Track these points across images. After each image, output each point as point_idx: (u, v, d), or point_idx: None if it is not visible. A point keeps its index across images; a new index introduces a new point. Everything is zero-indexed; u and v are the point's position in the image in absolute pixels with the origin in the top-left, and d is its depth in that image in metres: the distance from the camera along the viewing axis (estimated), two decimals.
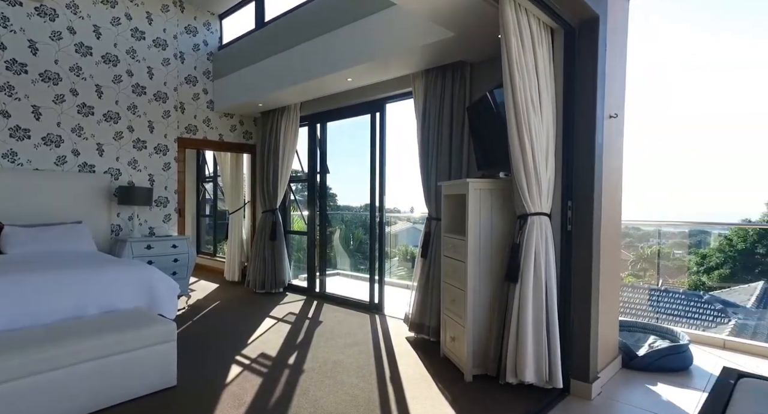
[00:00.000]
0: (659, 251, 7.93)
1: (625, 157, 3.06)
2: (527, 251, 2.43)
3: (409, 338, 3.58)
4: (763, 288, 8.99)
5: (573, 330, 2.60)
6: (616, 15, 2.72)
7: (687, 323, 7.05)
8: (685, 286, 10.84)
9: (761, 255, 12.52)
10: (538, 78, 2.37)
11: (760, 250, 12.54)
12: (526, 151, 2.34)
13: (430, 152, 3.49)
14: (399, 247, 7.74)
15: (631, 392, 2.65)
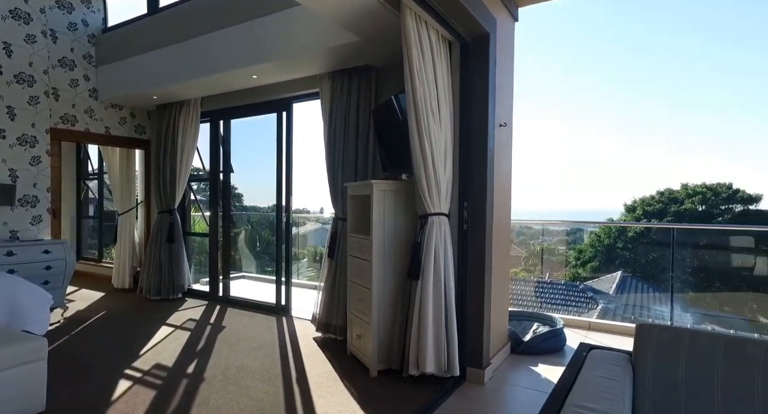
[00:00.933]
0: (543, 249, 8.85)
1: (514, 163, 3.40)
2: (428, 249, 2.58)
3: (316, 338, 3.58)
4: (621, 276, 10.51)
5: (468, 321, 2.82)
6: (504, 34, 3.02)
7: (566, 310, 7.98)
8: (565, 278, 12.22)
9: (620, 248, 14.62)
10: (437, 86, 2.54)
11: (619, 244, 14.66)
12: (427, 154, 2.49)
13: (336, 153, 3.53)
14: (308, 248, 7.66)
15: (518, 374, 2.95)
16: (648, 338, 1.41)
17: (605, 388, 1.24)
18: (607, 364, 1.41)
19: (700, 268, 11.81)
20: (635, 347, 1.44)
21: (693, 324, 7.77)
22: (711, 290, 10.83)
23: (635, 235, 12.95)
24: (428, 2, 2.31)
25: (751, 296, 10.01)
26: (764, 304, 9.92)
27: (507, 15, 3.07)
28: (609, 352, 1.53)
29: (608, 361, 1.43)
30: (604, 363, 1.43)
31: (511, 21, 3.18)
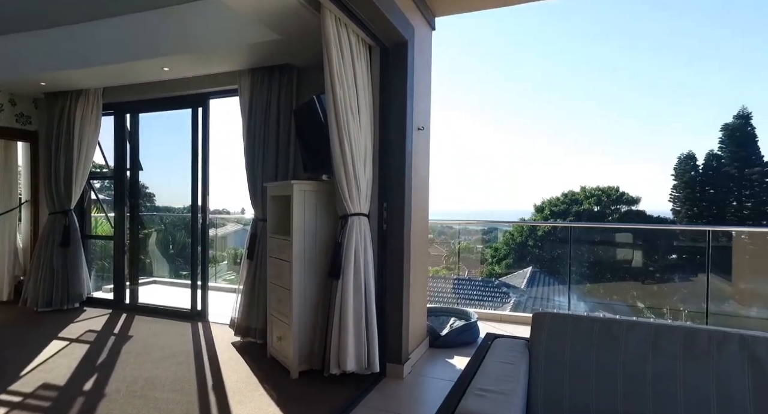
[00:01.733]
0: (462, 247, 9.32)
1: (435, 165, 3.56)
2: (348, 249, 2.62)
3: (235, 343, 3.45)
4: (532, 272, 11.44)
5: (388, 319, 2.90)
6: (422, 41, 3.15)
7: (483, 305, 8.50)
8: (483, 275, 12.98)
9: (531, 246, 15.89)
10: (357, 89, 2.59)
11: (530, 242, 15.94)
12: (347, 155, 2.52)
13: (256, 153, 3.44)
14: (228, 250, 7.34)
15: (435, 367, 3.10)
16: (541, 325, 1.58)
17: (504, 371, 1.36)
18: (507, 351, 1.55)
19: (595, 262, 13.20)
20: (531, 334, 1.59)
21: (588, 311, 8.68)
22: (603, 281, 12.18)
23: (543, 234, 14.18)
24: (348, 7, 2.35)
25: (631, 285, 11.44)
26: (641, 292, 11.36)
27: (425, 24, 3.21)
28: (510, 339, 1.68)
29: (509, 347, 1.58)
30: (504, 350, 1.56)
31: (428, 30, 3.33)
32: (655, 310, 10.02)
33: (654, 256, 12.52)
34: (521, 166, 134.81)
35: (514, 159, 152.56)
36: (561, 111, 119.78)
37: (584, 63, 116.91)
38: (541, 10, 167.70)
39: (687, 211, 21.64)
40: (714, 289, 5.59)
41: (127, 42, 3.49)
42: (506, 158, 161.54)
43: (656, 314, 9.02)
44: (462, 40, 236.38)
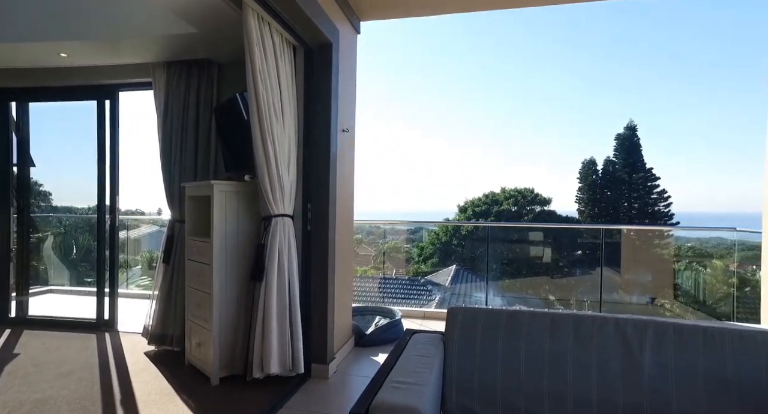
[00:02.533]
0: (389, 247, 9.51)
1: (364, 166, 3.62)
2: (271, 251, 2.58)
3: (149, 353, 3.23)
4: (455, 269, 11.98)
5: (313, 320, 2.90)
6: (347, 45, 3.20)
7: (409, 303, 8.75)
8: (409, 274, 13.30)
9: (455, 245, 16.63)
10: (281, 89, 2.56)
11: (454, 241, 16.68)
12: (270, 155, 2.49)
13: (173, 151, 3.26)
14: (143, 253, 6.81)
15: (360, 365, 3.15)
16: (455, 319, 1.69)
17: (419, 364, 1.45)
18: (423, 345, 1.64)
19: (513, 259, 14.13)
20: (446, 328, 1.70)
21: (505, 305, 9.29)
22: (520, 277, 13.10)
23: (467, 233, 14.92)
24: (271, 6, 2.32)
25: (543, 280, 12.44)
26: (552, 286, 12.38)
27: (350, 27, 3.26)
28: (427, 334, 1.78)
29: (425, 342, 1.67)
30: (421, 344, 1.66)
31: (353, 33, 3.38)
32: (563, 301, 10.97)
33: (563, 253, 13.74)
34: (447, 169, 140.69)
35: (440, 162, 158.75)
36: (483, 118, 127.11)
37: (503, 77, 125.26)
38: (469, 22, 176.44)
39: (590, 211, 24.06)
40: (607, 280, 6.30)
41: (15, 19, 3.11)
42: (433, 161, 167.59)
43: (564, 305, 9.89)
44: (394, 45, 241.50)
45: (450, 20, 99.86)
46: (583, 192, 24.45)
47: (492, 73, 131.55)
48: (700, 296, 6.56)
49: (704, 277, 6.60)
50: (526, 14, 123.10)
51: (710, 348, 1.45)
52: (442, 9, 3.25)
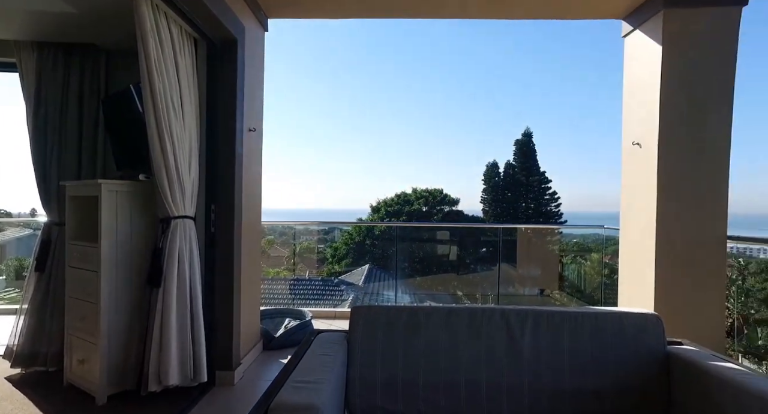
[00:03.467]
0: (299, 249, 9.38)
1: (276, 165, 3.53)
2: (170, 254, 2.43)
3: (12, 377, 2.82)
4: (369, 269, 12.18)
5: (218, 325, 2.78)
6: (254, 41, 3.11)
7: (324, 303, 8.71)
8: (323, 274, 13.21)
9: (368, 245, 16.89)
10: (180, 83, 2.42)
11: (368, 241, 16.93)
12: (168, 154, 2.34)
13: (48, 145, 2.89)
14: (8, 261, 5.93)
15: (268, 369, 3.09)
16: (358, 318, 1.75)
17: (321, 362, 1.48)
18: (327, 344, 1.67)
19: (424, 258, 14.72)
20: (350, 326, 1.75)
21: (415, 302, 9.66)
22: (430, 274, 13.71)
23: (380, 233, 15.22)
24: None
25: (452, 276, 13.18)
26: (460, 282, 13.15)
27: (256, 23, 3.17)
28: (331, 334, 1.81)
29: (328, 341, 1.70)
30: (325, 343, 1.69)
31: (261, 30, 3.30)
32: (470, 296, 11.70)
33: (469, 250, 14.65)
34: (361, 169, 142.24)
35: (355, 162, 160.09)
36: (397, 121, 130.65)
37: (419, 81, 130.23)
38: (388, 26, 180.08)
39: (493, 211, 25.98)
40: (506, 275, 6.87)
41: None
42: (348, 161, 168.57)
43: (471, 299, 10.56)
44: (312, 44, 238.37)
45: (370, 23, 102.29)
46: (487, 193, 26.35)
47: (406, 77, 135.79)
48: (581, 286, 7.45)
49: (585, 268, 7.50)
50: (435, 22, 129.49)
51: (573, 330, 1.68)
52: (347, 13, 3.29)
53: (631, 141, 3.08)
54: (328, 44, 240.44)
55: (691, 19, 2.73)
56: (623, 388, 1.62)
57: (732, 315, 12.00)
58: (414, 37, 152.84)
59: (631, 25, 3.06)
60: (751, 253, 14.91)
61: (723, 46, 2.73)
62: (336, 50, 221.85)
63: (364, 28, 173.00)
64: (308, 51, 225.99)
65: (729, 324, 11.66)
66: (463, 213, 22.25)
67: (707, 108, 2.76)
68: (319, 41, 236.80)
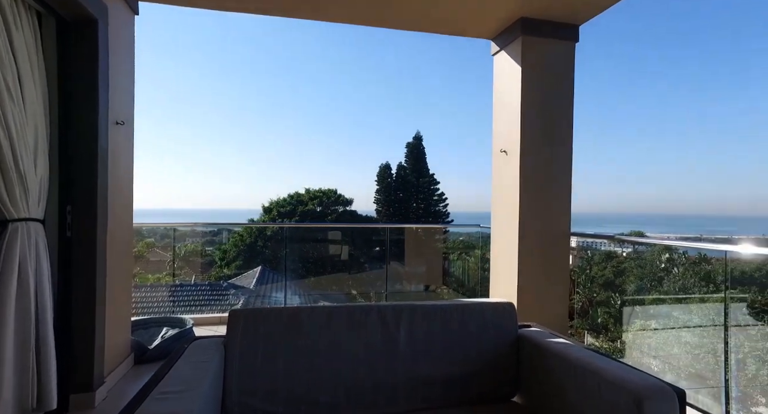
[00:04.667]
0: (185, 252, 8.72)
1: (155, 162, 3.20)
2: (7, 264, 2.07)
3: None
4: (261, 271, 11.74)
5: (75, 343, 2.45)
6: (121, 24, 2.80)
7: (212, 309, 8.15)
8: (211, 278, 12.39)
9: (260, 246, 16.29)
10: (18, 63, 2.07)
11: (259, 242, 16.32)
12: (3, 145, 1.99)
13: None
14: None
15: (138, 385, 2.80)
16: (236, 322, 1.70)
17: (193, 370, 1.41)
18: (201, 351, 1.59)
19: (318, 258, 14.63)
20: (228, 330, 1.69)
21: (309, 303, 9.58)
22: (324, 274, 13.70)
23: (272, 233, 14.74)
24: None
25: (347, 276, 13.35)
26: (354, 281, 13.37)
27: (123, 4, 2.86)
28: (207, 339, 1.73)
29: (203, 348, 1.62)
30: (199, 350, 1.60)
31: (129, 13, 2.98)
32: (364, 294, 11.95)
33: (363, 250, 14.95)
34: (253, 168, 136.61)
35: (249, 163, 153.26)
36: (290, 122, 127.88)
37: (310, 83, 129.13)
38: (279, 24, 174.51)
39: (386, 211, 26.87)
40: (395, 273, 7.19)
41: None
42: (243, 161, 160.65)
43: (365, 298, 10.77)
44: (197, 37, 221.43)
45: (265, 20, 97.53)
46: (380, 194, 27.17)
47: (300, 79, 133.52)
48: (466, 281, 8.11)
49: (469, 264, 8.18)
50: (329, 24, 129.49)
51: (445, 320, 1.85)
52: (221, 5, 3.15)
53: (499, 148, 3.46)
54: (223, 37, 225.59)
55: (541, 47, 3.16)
56: (484, 369, 1.83)
57: (581, 299, 14.03)
58: (309, 37, 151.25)
59: (498, 46, 3.44)
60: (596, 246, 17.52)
61: (565, 71, 3.22)
62: (230, 45, 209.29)
63: (259, 25, 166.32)
64: (205, 44, 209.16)
65: (579, 306, 13.53)
66: (356, 213, 22.62)
67: (555, 123, 3.23)
68: (214, 34, 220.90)
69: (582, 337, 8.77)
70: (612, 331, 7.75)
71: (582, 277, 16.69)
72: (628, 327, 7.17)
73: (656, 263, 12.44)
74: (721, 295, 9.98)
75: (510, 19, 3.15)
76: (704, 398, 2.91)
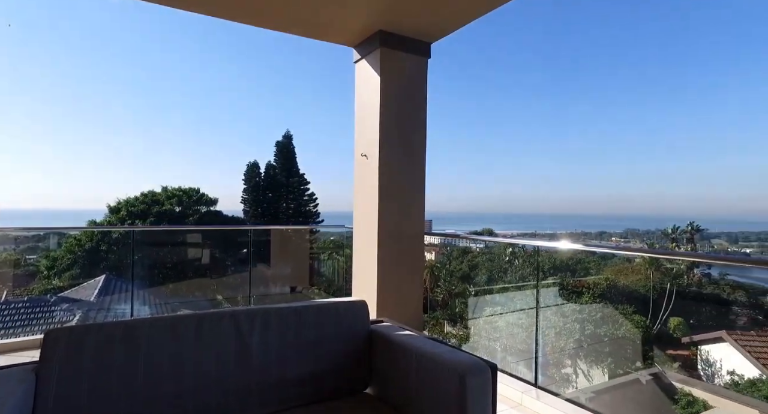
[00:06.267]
0: None
1: None
2: None
3: None
4: (106, 280, 10.23)
5: None
6: None
7: (30, 330, 6.81)
8: (33, 293, 10.37)
9: (104, 251, 14.18)
10: None
11: (103, 247, 14.20)
12: None
13: None
14: None
15: None
16: (55, 344, 1.47)
17: None
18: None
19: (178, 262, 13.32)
20: (42, 354, 1.46)
21: (166, 313, 8.68)
22: (186, 279, 12.53)
23: (120, 236, 12.92)
24: None
25: (212, 280, 12.43)
26: (220, 285, 12.52)
27: None
28: (9, 370, 1.46)
29: (2, 381, 1.37)
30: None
31: None
32: (231, 299, 11.29)
33: (229, 252, 14.08)
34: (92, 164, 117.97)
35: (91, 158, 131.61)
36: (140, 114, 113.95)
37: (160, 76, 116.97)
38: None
39: (254, 211, 25.67)
40: (260, 275, 6.96)
41: None
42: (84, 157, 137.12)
43: (232, 302, 10.19)
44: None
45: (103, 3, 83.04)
46: (248, 193, 25.86)
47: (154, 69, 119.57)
48: (336, 280, 8.22)
49: (339, 263, 8.31)
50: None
51: (300, 322, 1.87)
52: None
53: (360, 152, 3.61)
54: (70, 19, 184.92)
55: (398, 60, 3.40)
56: (339, 366, 1.90)
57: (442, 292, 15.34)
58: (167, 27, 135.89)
59: (360, 55, 3.58)
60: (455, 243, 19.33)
61: (419, 84, 3.53)
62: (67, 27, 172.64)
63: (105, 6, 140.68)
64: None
65: (441, 298, 14.77)
66: (222, 213, 21.15)
67: (411, 131, 3.51)
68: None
69: (443, 327, 9.63)
70: (466, 319, 8.69)
71: (443, 272, 18.25)
72: (480, 314, 8.09)
73: (502, 257, 14.25)
74: (546, 281, 11.86)
75: (369, 30, 3.31)
76: (524, 368, 3.47)
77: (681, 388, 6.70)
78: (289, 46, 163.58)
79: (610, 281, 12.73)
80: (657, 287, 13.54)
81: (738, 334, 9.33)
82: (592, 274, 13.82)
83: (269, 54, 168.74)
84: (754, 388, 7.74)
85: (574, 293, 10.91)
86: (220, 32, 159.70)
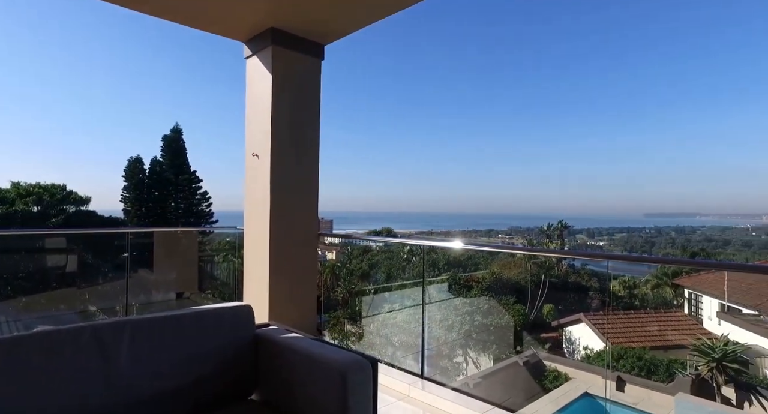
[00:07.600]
0: None
1: None
2: None
3: None
4: None
5: None
6: None
7: None
8: None
9: None
10: None
11: None
12: None
13: None
14: None
15: None
16: None
17: None
18: None
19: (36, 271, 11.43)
20: None
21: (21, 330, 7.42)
22: (48, 290, 10.79)
23: None
24: None
25: (83, 290, 10.91)
26: (94, 295, 11.07)
27: None
28: None
29: None
30: None
31: None
32: (108, 310, 9.99)
33: (105, 257, 12.45)
34: None
35: None
36: None
37: None
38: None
39: (137, 211, 23.15)
40: (142, 282, 6.33)
41: None
42: None
43: (109, 313, 9.02)
44: None
45: None
46: (129, 191, 23.21)
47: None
48: (232, 283, 7.77)
49: (235, 266, 7.87)
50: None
51: (178, 331, 1.76)
52: None
53: (251, 151, 3.49)
54: None
55: (291, 59, 3.36)
56: (221, 375, 1.82)
57: (343, 290, 15.35)
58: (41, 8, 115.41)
59: (251, 51, 3.46)
60: (355, 242, 19.54)
61: (312, 84, 3.52)
62: None
63: None
64: None
65: (342, 297, 14.78)
66: (96, 214, 18.67)
67: (304, 132, 3.48)
68: None
69: (343, 326, 9.68)
70: (365, 317, 8.86)
71: (343, 271, 18.33)
72: (378, 310, 8.30)
73: (401, 255, 14.75)
74: (441, 277, 12.57)
75: (261, 26, 3.21)
76: (413, 362, 3.67)
77: (549, 365, 7.67)
78: (177, 36, 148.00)
79: (495, 275, 14.01)
80: (534, 279, 15.21)
81: (591, 315, 11.00)
82: (481, 269, 15.04)
83: (155, 42, 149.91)
84: (599, 358, 9.41)
85: (465, 287, 11.78)
86: (98, 14, 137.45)
